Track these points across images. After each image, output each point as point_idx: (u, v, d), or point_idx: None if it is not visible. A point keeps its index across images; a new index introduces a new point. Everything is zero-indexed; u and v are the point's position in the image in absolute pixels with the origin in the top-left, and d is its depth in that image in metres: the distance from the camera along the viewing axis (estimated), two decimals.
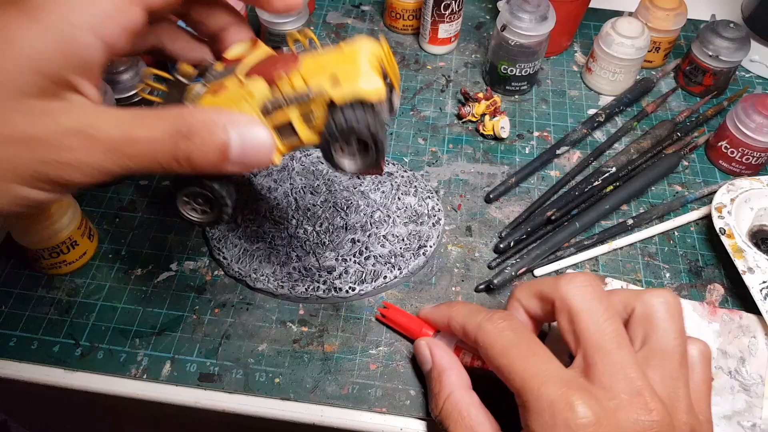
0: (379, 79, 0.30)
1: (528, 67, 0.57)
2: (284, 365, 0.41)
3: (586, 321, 0.31)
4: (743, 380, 0.40)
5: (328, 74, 0.30)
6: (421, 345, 0.39)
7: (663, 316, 0.32)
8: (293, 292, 0.43)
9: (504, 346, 0.32)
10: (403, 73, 0.61)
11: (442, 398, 0.35)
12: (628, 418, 0.28)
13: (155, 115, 0.26)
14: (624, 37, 0.55)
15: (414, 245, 0.46)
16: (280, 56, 0.32)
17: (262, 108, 0.31)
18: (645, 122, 0.57)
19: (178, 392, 0.40)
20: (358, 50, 0.31)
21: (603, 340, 0.30)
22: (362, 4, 0.68)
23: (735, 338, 0.42)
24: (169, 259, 0.46)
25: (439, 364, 0.37)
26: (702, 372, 0.33)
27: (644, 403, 0.28)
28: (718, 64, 0.56)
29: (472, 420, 0.33)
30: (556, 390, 0.28)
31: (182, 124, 0.26)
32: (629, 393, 0.28)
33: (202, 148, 0.27)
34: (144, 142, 0.26)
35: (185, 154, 0.26)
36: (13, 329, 0.42)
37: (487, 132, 0.55)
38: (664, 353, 0.31)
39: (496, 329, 0.33)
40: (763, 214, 0.48)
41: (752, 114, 0.50)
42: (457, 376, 0.36)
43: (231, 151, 0.27)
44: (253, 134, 0.28)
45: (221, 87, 0.31)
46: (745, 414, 0.39)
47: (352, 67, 0.30)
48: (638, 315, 0.32)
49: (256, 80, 0.30)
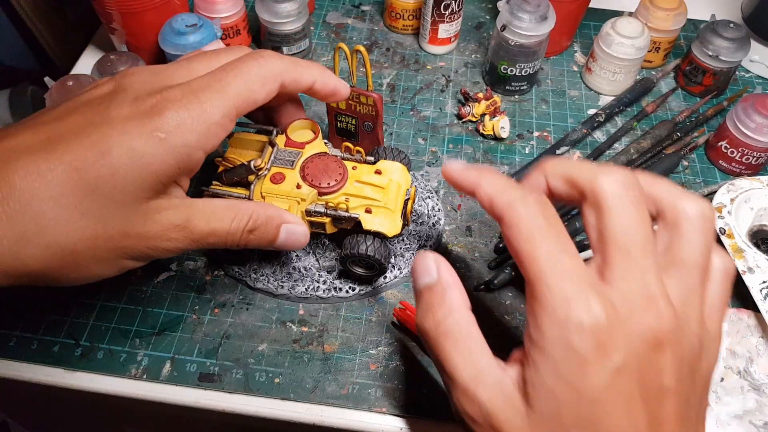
0: (399, 223, 0.40)
1: (528, 67, 0.57)
2: (284, 365, 0.41)
3: (616, 222, 0.29)
4: (753, 380, 0.40)
5: (364, 203, 0.40)
6: (428, 256, 0.34)
7: (695, 227, 0.30)
8: (293, 292, 0.43)
9: (531, 232, 0.30)
10: (403, 73, 0.61)
11: (442, 314, 0.32)
12: (639, 323, 0.27)
13: (233, 211, 0.35)
14: (624, 37, 0.55)
15: (414, 245, 0.46)
16: (333, 164, 0.40)
17: (308, 210, 0.39)
18: (645, 122, 0.57)
19: (178, 392, 0.40)
20: (394, 189, 0.40)
21: (629, 245, 0.29)
22: (362, 4, 0.68)
23: (743, 338, 0.42)
24: (169, 259, 0.46)
25: (445, 279, 0.33)
26: (720, 287, 0.31)
27: (657, 309, 0.28)
28: (718, 64, 0.56)
29: (474, 340, 0.31)
30: (575, 288, 0.27)
31: (251, 223, 0.35)
32: (643, 298, 0.28)
33: (260, 239, 0.36)
34: (221, 234, 0.34)
35: (246, 242, 0.35)
36: (13, 329, 0.42)
37: (487, 132, 0.55)
38: (686, 264, 0.30)
39: (529, 212, 0.30)
40: (763, 214, 0.48)
41: (752, 114, 0.50)
42: (461, 295, 0.33)
43: (277, 242, 0.37)
44: (296, 231, 0.37)
45: (282, 177, 0.39)
46: (756, 413, 0.39)
47: (383, 204, 0.39)
48: (669, 220, 0.31)
49: (309, 190, 0.39)
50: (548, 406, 0.28)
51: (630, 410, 0.27)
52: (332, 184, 0.39)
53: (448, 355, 0.31)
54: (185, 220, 0.33)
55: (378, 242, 0.40)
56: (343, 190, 0.40)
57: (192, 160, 0.33)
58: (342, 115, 0.42)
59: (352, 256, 0.41)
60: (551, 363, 0.27)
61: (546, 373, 0.28)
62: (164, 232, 0.32)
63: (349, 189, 0.40)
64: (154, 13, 0.54)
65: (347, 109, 0.41)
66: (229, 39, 0.60)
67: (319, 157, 0.41)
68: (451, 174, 0.36)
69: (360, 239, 0.40)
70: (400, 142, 0.55)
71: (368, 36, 0.65)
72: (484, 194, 0.33)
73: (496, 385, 0.29)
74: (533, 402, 0.28)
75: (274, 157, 0.40)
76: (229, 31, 0.59)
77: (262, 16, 0.57)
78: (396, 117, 0.57)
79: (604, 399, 0.27)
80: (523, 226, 0.30)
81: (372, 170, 0.41)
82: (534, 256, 0.29)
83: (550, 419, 0.28)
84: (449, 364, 0.31)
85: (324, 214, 0.39)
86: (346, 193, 0.40)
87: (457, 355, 0.31)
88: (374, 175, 0.41)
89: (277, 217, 0.36)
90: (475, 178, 0.34)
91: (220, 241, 0.35)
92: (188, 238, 0.33)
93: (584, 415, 0.27)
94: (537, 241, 0.29)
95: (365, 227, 0.39)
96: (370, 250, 0.40)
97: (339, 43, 0.38)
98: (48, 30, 0.63)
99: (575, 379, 0.27)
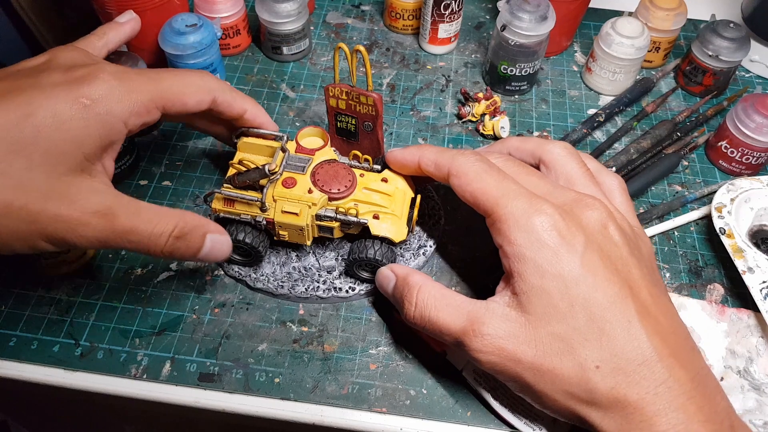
0: (405, 230, 0.41)
1: (528, 67, 0.57)
2: (284, 365, 0.41)
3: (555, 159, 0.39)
4: (753, 380, 0.40)
5: (372, 209, 0.41)
6: (381, 270, 0.41)
7: (563, 158, 0.38)
8: (293, 292, 0.43)
9: (477, 172, 0.36)
10: (403, 73, 0.61)
11: (414, 294, 0.37)
12: (582, 213, 0.34)
13: (159, 214, 0.34)
14: (624, 37, 0.55)
15: (414, 245, 0.46)
16: (343, 171, 0.41)
17: (318, 215, 0.40)
18: (645, 122, 0.57)
19: (178, 392, 0.40)
20: (401, 198, 0.42)
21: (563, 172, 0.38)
22: (362, 4, 0.68)
23: (743, 338, 0.42)
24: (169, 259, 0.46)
25: (402, 273, 0.39)
26: (621, 197, 0.39)
27: (590, 203, 0.34)
28: (718, 64, 0.56)
29: (450, 298, 0.35)
30: (528, 201, 0.34)
31: (178, 229, 0.34)
32: (576, 199, 0.35)
33: (187, 247, 0.35)
34: (143, 234, 0.33)
35: (170, 250, 0.34)
36: (13, 329, 0.42)
37: (487, 132, 0.55)
38: (573, 177, 0.38)
39: (470, 160, 0.37)
40: (763, 214, 0.48)
41: (752, 114, 0.50)
42: (420, 274, 0.38)
43: (201, 252, 0.36)
44: (221, 241, 0.37)
45: (293, 182, 0.40)
46: (756, 413, 0.39)
47: (390, 211, 0.41)
48: (546, 161, 0.39)
49: (320, 195, 0.40)
50: (542, 303, 0.32)
51: (608, 279, 0.32)
52: (342, 190, 0.40)
53: (439, 322, 0.35)
54: (107, 208, 0.32)
55: (385, 247, 0.41)
56: (352, 197, 0.41)
57: (113, 131, 0.33)
58: (342, 115, 0.42)
59: (360, 261, 0.41)
60: (532, 264, 0.32)
61: (531, 275, 0.32)
62: (84, 215, 0.31)
63: (358, 195, 0.41)
64: (154, 13, 0.54)
65: (347, 109, 0.41)
66: (229, 39, 0.60)
67: (329, 163, 0.42)
68: (395, 158, 0.42)
69: (368, 244, 0.41)
70: (400, 142, 0.55)
71: (368, 36, 0.65)
72: (428, 161, 0.39)
73: (490, 314, 0.33)
74: (530, 307, 0.32)
75: (286, 162, 0.41)
76: (229, 31, 0.59)
77: (262, 16, 0.57)
78: (396, 117, 0.57)
79: (584, 276, 0.32)
80: (470, 170, 0.36)
81: (379, 178, 0.42)
82: (484, 189, 0.35)
83: (549, 312, 0.32)
84: (445, 327, 0.35)
85: (334, 218, 0.40)
86: (355, 199, 0.41)
87: (445, 316, 0.35)
88: (381, 183, 0.42)
89: (203, 225, 0.36)
90: (416, 151, 0.40)
91: (143, 241, 0.33)
92: (108, 228, 0.32)
93: (575, 295, 0.32)
94: (484, 177, 0.35)
95: (373, 232, 0.40)
96: (378, 255, 0.40)
97: (339, 43, 0.38)
98: (48, 30, 0.62)
99: (556, 269, 0.32)
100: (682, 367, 0.31)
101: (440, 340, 0.36)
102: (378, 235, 0.40)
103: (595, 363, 0.31)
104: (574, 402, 0.31)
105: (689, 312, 0.43)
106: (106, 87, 0.33)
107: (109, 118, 0.33)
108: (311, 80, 0.60)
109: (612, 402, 0.30)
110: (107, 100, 0.33)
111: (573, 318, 0.31)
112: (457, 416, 0.39)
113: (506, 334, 0.33)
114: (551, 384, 0.32)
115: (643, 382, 0.30)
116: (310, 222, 0.40)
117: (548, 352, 0.31)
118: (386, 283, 0.40)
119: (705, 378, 0.32)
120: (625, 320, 0.31)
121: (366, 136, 0.43)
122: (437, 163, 0.38)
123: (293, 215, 0.39)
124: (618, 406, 0.30)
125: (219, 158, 0.53)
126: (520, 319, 0.33)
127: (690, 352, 0.32)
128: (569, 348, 0.31)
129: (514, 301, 0.33)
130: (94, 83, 0.33)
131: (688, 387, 0.30)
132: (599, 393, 0.30)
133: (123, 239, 0.33)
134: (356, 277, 0.43)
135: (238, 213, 0.41)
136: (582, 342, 0.31)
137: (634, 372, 0.30)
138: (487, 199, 0.35)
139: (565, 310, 0.32)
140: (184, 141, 0.54)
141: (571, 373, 0.31)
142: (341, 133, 0.44)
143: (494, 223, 0.35)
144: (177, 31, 0.52)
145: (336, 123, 0.43)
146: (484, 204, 0.35)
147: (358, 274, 0.43)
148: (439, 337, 0.36)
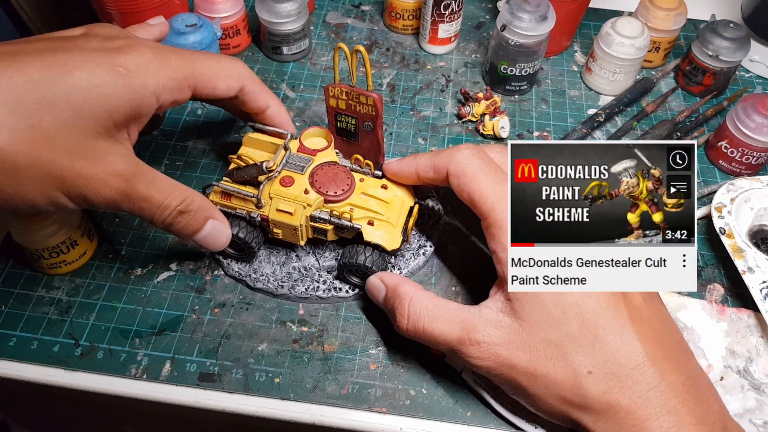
0: (400, 238, 0.40)
1: (528, 67, 0.57)
2: (284, 365, 0.41)
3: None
4: (752, 379, 0.40)
5: (367, 215, 0.40)
6: (370, 279, 0.41)
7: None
8: (293, 292, 0.43)
9: (475, 172, 0.36)
10: (403, 73, 0.61)
11: (405, 306, 0.37)
12: None
13: (172, 187, 0.35)
14: (624, 37, 0.55)
15: (414, 245, 0.46)
16: (342, 174, 0.41)
17: (312, 216, 0.40)
18: (645, 122, 0.57)
19: (178, 392, 0.40)
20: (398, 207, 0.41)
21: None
22: (362, 4, 0.68)
23: (743, 338, 0.42)
24: (169, 259, 0.46)
25: (391, 283, 0.39)
26: None
27: None
28: (718, 64, 0.56)
29: (442, 308, 0.36)
30: None
31: (184, 204, 0.35)
32: None
33: (187, 224, 0.36)
34: (153, 202, 0.34)
35: (170, 222, 0.35)
36: (13, 329, 0.42)
37: (487, 132, 0.55)
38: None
39: (467, 157, 0.37)
40: (763, 214, 0.48)
41: (752, 114, 0.50)
42: (411, 284, 0.38)
43: (200, 234, 0.37)
44: (221, 230, 0.38)
45: (291, 181, 0.40)
46: (756, 412, 0.39)
47: (386, 219, 0.40)
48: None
49: (316, 196, 0.40)
50: (536, 309, 0.32)
51: None
52: (339, 194, 0.40)
53: (434, 333, 0.35)
54: (130, 173, 0.33)
55: (377, 254, 0.41)
56: (348, 201, 0.41)
57: (144, 104, 0.34)
58: (342, 115, 0.42)
59: (350, 265, 0.41)
60: None
61: None
62: (106, 176, 0.32)
63: (355, 200, 0.41)
64: (154, 13, 0.54)
65: (347, 109, 0.41)
66: (229, 39, 0.60)
67: (329, 165, 0.41)
68: (392, 170, 0.42)
69: (360, 249, 0.41)
70: (400, 142, 0.55)
71: (368, 36, 0.65)
72: (425, 167, 0.39)
73: (484, 321, 0.34)
74: (523, 313, 0.33)
75: (286, 161, 0.41)
76: (229, 31, 0.59)
77: (262, 15, 0.57)
78: (396, 117, 0.57)
79: None
80: (468, 169, 0.36)
81: (378, 184, 0.42)
82: (481, 192, 0.35)
83: (542, 319, 0.32)
84: (441, 338, 0.35)
85: (328, 221, 0.40)
86: (352, 203, 0.41)
87: (439, 326, 0.35)
88: (380, 189, 0.42)
89: (209, 209, 0.37)
90: (411, 161, 0.40)
91: (151, 210, 0.34)
92: (125, 192, 0.33)
93: (568, 302, 0.32)
94: (481, 178, 0.36)
95: (366, 239, 0.40)
96: (368, 261, 0.40)
97: (339, 43, 0.39)
98: (48, 30, 0.63)
99: None
100: (675, 370, 0.31)
101: (435, 348, 0.36)
102: (370, 242, 0.40)
103: (588, 368, 0.31)
104: (567, 406, 0.32)
105: (689, 311, 0.43)
106: (143, 59, 0.34)
107: (142, 90, 0.33)
108: (311, 80, 0.60)
109: (604, 406, 0.31)
110: (143, 72, 0.33)
111: (566, 324, 0.32)
112: (457, 416, 0.39)
113: (501, 340, 0.33)
114: (545, 388, 0.32)
115: (635, 386, 0.30)
116: (305, 222, 0.40)
117: (542, 358, 0.32)
118: (376, 293, 0.40)
119: (697, 381, 0.32)
120: (618, 326, 0.31)
121: (366, 136, 0.43)
122: (435, 167, 0.39)
123: (287, 214, 0.40)
124: (610, 411, 0.30)
125: (219, 158, 0.53)
126: (514, 325, 0.33)
127: (682, 356, 0.32)
128: (562, 354, 0.31)
129: (507, 306, 0.34)
130: (132, 54, 0.33)
131: (680, 390, 0.30)
132: (592, 397, 0.31)
133: (135, 205, 0.34)
134: (347, 281, 0.43)
135: (234, 207, 0.41)
136: (575, 348, 0.31)
137: (627, 376, 0.30)
138: (484, 202, 0.35)
139: (558, 317, 0.32)
140: (184, 141, 0.54)
141: (564, 379, 0.31)
142: (341, 133, 0.44)
143: (489, 227, 0.35)
144: (177, 31, 0.52)
145: (336, 123, 0.43)
146: (480, 207, 0.36)
147: (349, 278, 0.43)
148: (435, 347, 0.36)
